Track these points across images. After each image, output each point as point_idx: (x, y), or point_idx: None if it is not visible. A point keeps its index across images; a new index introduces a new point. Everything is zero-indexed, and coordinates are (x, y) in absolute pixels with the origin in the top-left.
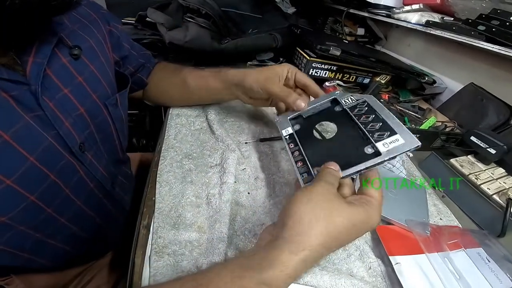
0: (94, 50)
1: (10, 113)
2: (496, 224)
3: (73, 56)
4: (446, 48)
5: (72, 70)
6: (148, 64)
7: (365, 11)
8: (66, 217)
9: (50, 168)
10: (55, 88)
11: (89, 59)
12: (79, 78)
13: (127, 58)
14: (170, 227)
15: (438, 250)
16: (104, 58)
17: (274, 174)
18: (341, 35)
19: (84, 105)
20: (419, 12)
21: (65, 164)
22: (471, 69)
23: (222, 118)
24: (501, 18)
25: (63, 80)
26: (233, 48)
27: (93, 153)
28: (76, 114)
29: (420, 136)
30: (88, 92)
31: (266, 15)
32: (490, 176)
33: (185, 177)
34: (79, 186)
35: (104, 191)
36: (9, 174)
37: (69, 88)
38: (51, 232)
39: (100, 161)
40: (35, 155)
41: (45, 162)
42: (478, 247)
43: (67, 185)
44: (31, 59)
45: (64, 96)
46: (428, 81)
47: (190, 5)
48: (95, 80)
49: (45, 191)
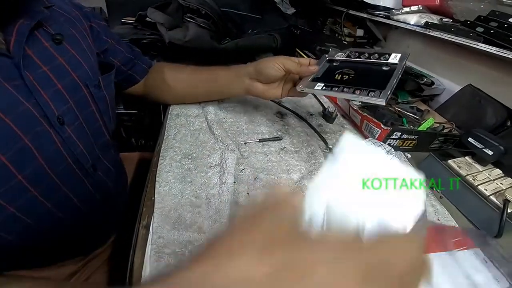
0: (76, 38)
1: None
2: (493, 224)
3: (55, 41)
4: (444, 49)
5: (53, 52)
6: (138, 61)
7: (365, 12)
8: (39, 189)
9: (25, 131)
10: (35, 65)
11: (70, 45)
12: (59, 59)
13: (109, 51)
14: (170, 227)
15: (435, 250)
16: (85, 46)
17: (273, 174)
18: (341, 36)
19: (62, 82)
20: (418, 13)
21: (41, 131)
22: (469, 71)
23: (222, 119)
24: (499, 20)
25: (43, 60)
26: (233, 48)
27: (73, 128)
28: (55, 89)
29: (418, 138)
30: (67, 71)
31: (265, 16)
32: (487, 177)
33: (185, 177)
34: (55, 158)
35: (84, 171)
36: None
37: (48, 66)
38: (24, 206)
39: (80, 138)
40: (10, 116)
41: (20, 125)
42: (475, 247)
43: (40, 153)
44: (14, 38)
45: (43, 73)
46: (427, 83)
47: (190, 5)
48: (75, 63)
49: (17, 153)
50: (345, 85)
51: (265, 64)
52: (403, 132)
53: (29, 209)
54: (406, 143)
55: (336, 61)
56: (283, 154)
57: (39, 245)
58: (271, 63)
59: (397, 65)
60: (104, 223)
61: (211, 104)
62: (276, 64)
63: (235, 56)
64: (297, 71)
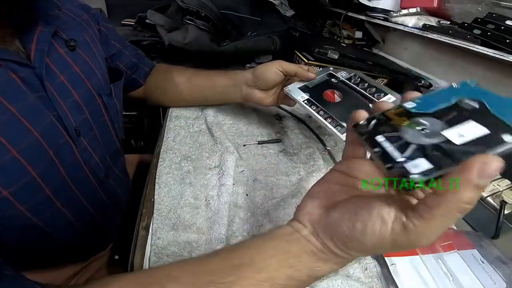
0: (88, 43)
1: (17, 91)
2: (490, 226)
3: (70, 47)
4: (442, 51)
5: (68, 60)
6: (141, 64)
7: (363, 15)
8: (62, 201)
9: (50, 144)
10: (53, 74)
11: (83, 51)
12: (74, 68)
13: (116, 55)
14: (169, 228)
15: (431, 252)
16: (97, 52)
17: (272, 176)
18: (339, 38)
19: (78, 92)
20: (416, 15)
21: (63, 143)
22: (467, 73)
23: (221, 121)
24: (496, 22)
25: (60, 68)
26: (232, 50)
27: (88, 140)
28: (72, 100)
29: None
30: (82, 80)
31: (265, 18)
32: None
33: (184, 179)
34: (74, 169)
35: (98, 181)
36: (15, 144)
37: (65, 75)
38: (48, 218)
39: (95, 149)
40: (38, 130)
41: (46, 138)
42: (472, 248)
43: (63, 166)
44: (34, 47)
45: (61, 83)
46: (425, 85)
47: (189, 7)
48: (89, 71)
49: (45, 168)
50: (324, 109)
51: (264, 69)
52: None
53: (52, 221)
54: None
55: (336, 78)
56: (282, 156)
57: (48, 249)
58: (269, 67)
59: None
60: (109, 227)
61: (211, 106)
62: (275, 68)
63: (235, 58)
64: (296, 71)
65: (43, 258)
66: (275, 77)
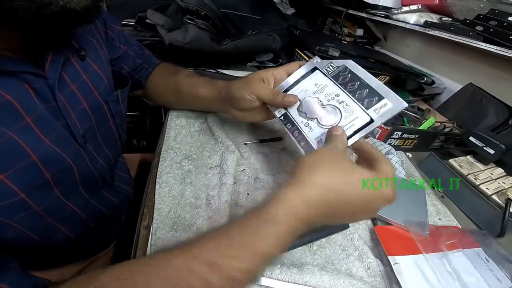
0: (96, 50)
1: (31, 102)
2: (495, 224)
3: (81, 57)
4: (444, 48)
5: (78, 69)
6: (146, 65)
7: (364, 12)
8: (72, 202)
9: (66, 152)
10: (65, 83)
11: (92, 59)
12: (84, 76)
13: (120, 58)
14: (169, 228)
15: (436, 251)
16: (103, 57)
17: (274, 175)
18: (340, 36)
19: (87, 101)
20: (418, 12)
21: (76, 151)
22: (470, 70)
23: (222, 120)
24: (498, 19)
25: (71, 78)
26: (233, 49)
27: (93, 145)
28: (80, 108)
29: (419, 137)
30: (91, 89)
31: (265, 16)
32: (489, 176)
33: (185, 178)
34: (86, 175)
35: (105, 183)
36: (34, 150)
37: (76, 84)
38: (63, 218)
39: (99, 154)
40: (50, 138)
41: (60, 146)
42: (477, 247)
43: (76, 171)
44: (50, 57)
45: (72, 92)
46: (427, 82)
47: (189, 7)
48: (97, 78)
49: (59, 173)
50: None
51: (236, 94)
52: (403, 132)
53: (66, 220)
54: (406, 142)
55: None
56: (284, 155)
57: (56, 248)
58: (242, 93)
59: (375, 121)
60: (113, 226)
61: None
62: (247, 95)
63: (235, 57)
64: (269, 101)
65: (48, 257)
66: (248, 104)
